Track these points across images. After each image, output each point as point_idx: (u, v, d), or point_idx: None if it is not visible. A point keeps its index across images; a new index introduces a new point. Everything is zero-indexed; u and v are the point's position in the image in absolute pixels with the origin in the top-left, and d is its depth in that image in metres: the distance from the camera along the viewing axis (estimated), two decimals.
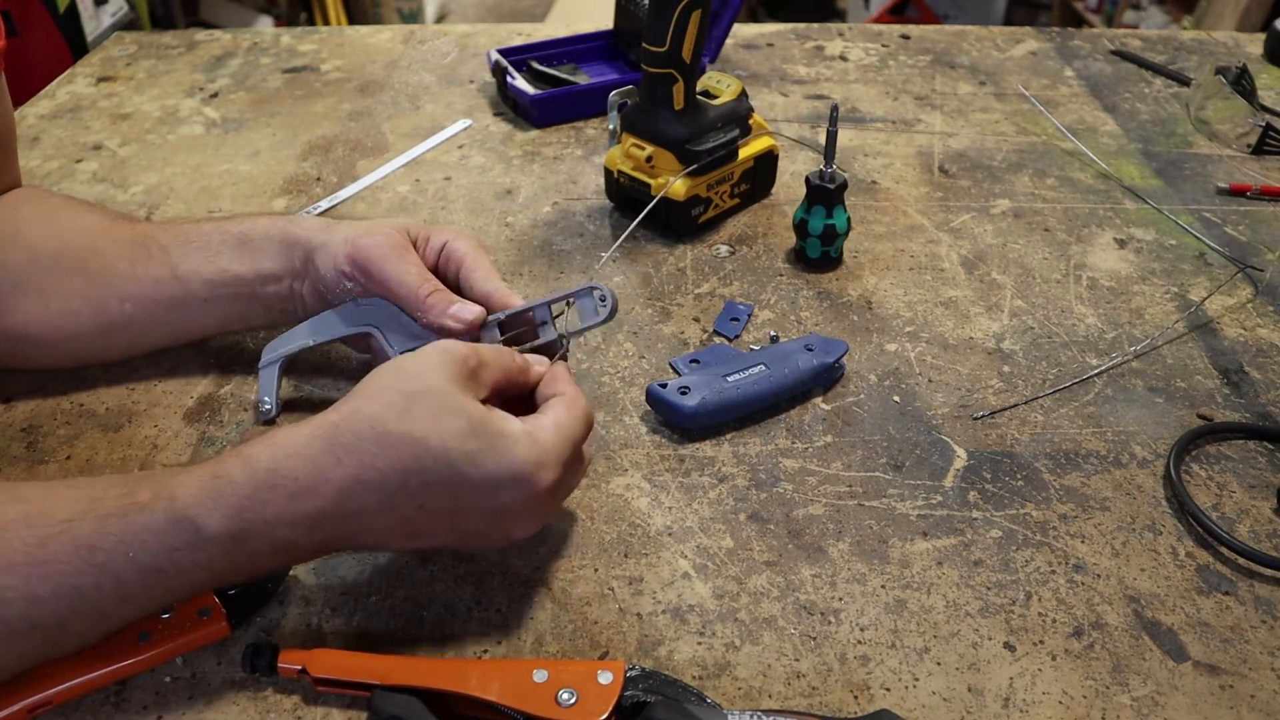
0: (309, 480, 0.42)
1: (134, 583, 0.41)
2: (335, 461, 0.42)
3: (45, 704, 0.43)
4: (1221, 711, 0.45)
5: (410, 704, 0.42)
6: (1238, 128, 0.95)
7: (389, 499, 0.43)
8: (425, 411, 0.43)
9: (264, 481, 0.42)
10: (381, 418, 0.43)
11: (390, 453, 0.42)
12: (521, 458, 0.44)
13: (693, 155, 0.75)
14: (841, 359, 0.64)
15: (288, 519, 0.42)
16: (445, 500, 0.44)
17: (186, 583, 0.42)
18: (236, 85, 1.06)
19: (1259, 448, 0.60)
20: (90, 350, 0.62)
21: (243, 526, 0.41)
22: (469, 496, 0.44)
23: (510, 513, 0.45)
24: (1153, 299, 0.73)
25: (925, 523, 0.55)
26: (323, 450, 0.42)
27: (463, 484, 0.43)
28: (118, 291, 0.60)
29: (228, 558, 0.42)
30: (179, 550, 0.41)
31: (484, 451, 0.43)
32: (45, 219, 0.62)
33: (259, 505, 0.42)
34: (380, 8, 3.60)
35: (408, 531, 0.45)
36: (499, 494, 0.44)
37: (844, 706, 0.46)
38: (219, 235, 0.60)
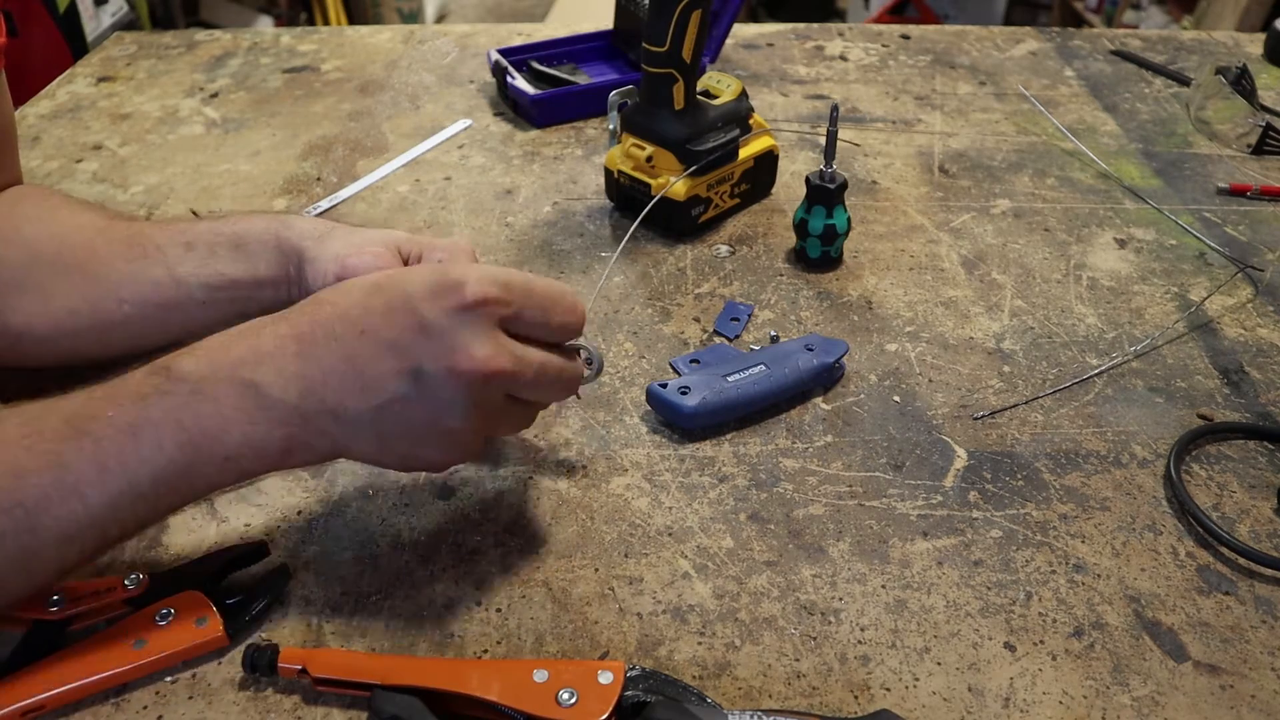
0: (269, 322, 0.45)
1: (110, 443, 0.41)
2: (295, 310, 0.46)
3: (38, 708, 0.43)
4: (1222, 711, 0.45)
5: (410, 704, 0.42)
6: (1238, 128, 0.95)
7: (333, 326, 0.44)
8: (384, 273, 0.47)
9: (236, 331, 0.46)
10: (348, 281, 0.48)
11: (339, 291, 0.46)
12: (453, 268, 0.45)
13: (693, 155, 0.75)
14: (841, 359, 0.64)
15: (248, 354, 0.44)
16: (382, 322, 0.44)
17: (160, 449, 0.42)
18: (236, 85, 1.06)
19: (1259, 448, 0.60)
20: (88, 349, 0.62)
21: (210, 365, 0.44)
22: (402, 310, 0.44)
23: (446, 330, 0.43)
24: (1153, 299, 0.73)
25: (925, 523, 0.55)
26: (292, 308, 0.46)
27: (395, 297, 0.44)
28: (116, 292, 0.60)
29: (198, 407, 0.43)
30: (153, 396, 0.42)
31: (413, 270, 0.46)
32: (45, 217, 0.62)
33: (227, 347, 0.45)
34: (380, 8, 3.60)
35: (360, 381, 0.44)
36: (430, 302, 0.44)
37: (844, 706, 0.46)
38: (215, 237, 0.60)
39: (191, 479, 0.44)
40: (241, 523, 0.54)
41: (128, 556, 0.52)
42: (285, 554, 0.52)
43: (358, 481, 0.57)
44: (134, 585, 0.47)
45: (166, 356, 0.44)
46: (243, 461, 0.44)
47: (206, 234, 0.61)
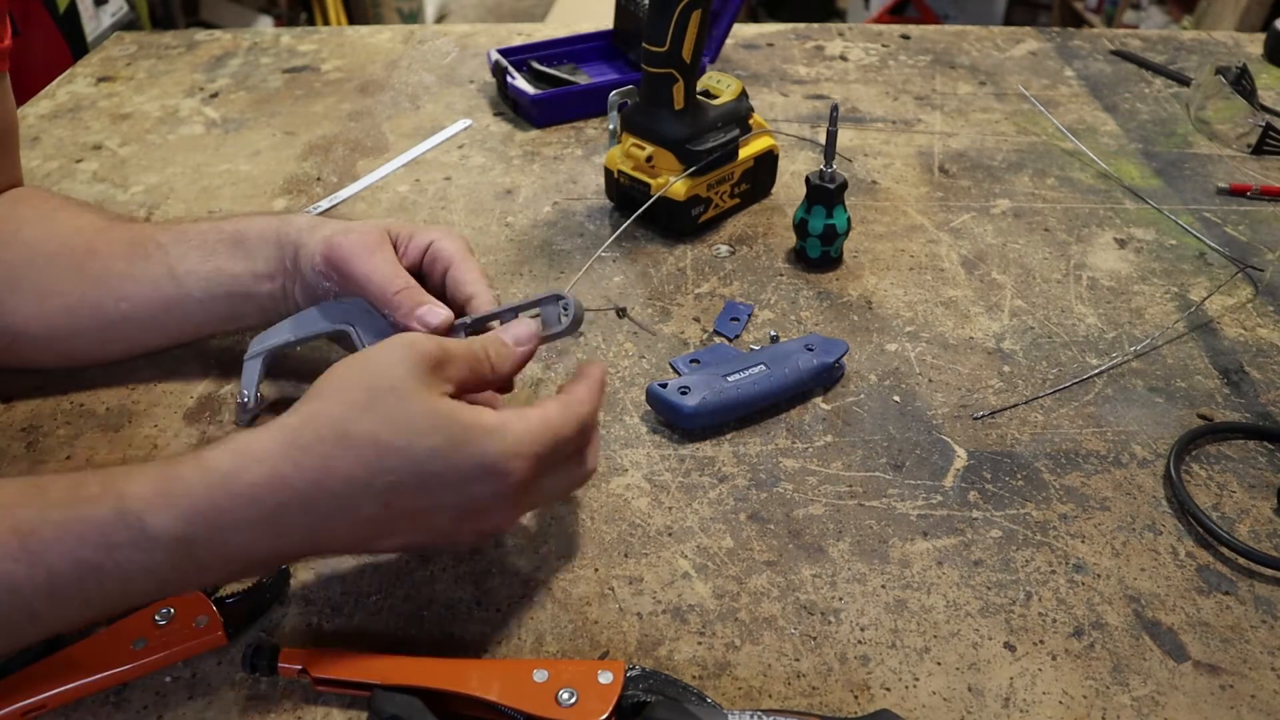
0: (267, 485, 0.40)
1: (69, 579, 0.39)
2: (294, 466, 0.40)
3: (38, 708, 0.43)
4: (1222, 711, 0.45)
5: (410, 704, 0.42)
6: (1238, 128, 0.96)
7: (351, 502, 0.41)
8: (387, 409, 0.41)
9: (218, 485, 0.40)
10: (342, 418, 0.41)
11: (352, 454, 0.40)
12: (490, 450, 0.42)
13: (693, 155, 0.75)
14: (841, 359, 0.64)
15: (243, 525, 0.40)
16: (412, 500, 0.42)
17: (125, 588, 0.40)
18: (236, 85, 1.06)
19: (1259, 448, 0.60)
20: (89, 350, 0.62)
21: (193, 531, 0.39)
22: (437, 493, 0.42)
23: (481, 508, 0.43)
24: (1153, 299, 0.73)
25: (925, 522, 0.55)
26: (281, 455, 0.40)
27: (429, 480, 0.41)
28: (115, 291, 0.60)
29: (173, 564, 0.40)
30: (121, 548, 0.39)
31: (450, 445, 0.41)
32: (44, 219, 0.62)
33: (213, 510, 0.39)
34: (380, 8, 3.60)
35: (373, 533, 0.43)
36: (468, 488, 0.42)
37: (844, 706, 0.46)
38: (215, 234, 0.60)
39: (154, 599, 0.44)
40: None
41: None
42: None
43: None
44: None
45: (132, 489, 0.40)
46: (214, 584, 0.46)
47: (206, 232, 0.61)
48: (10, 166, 0.66)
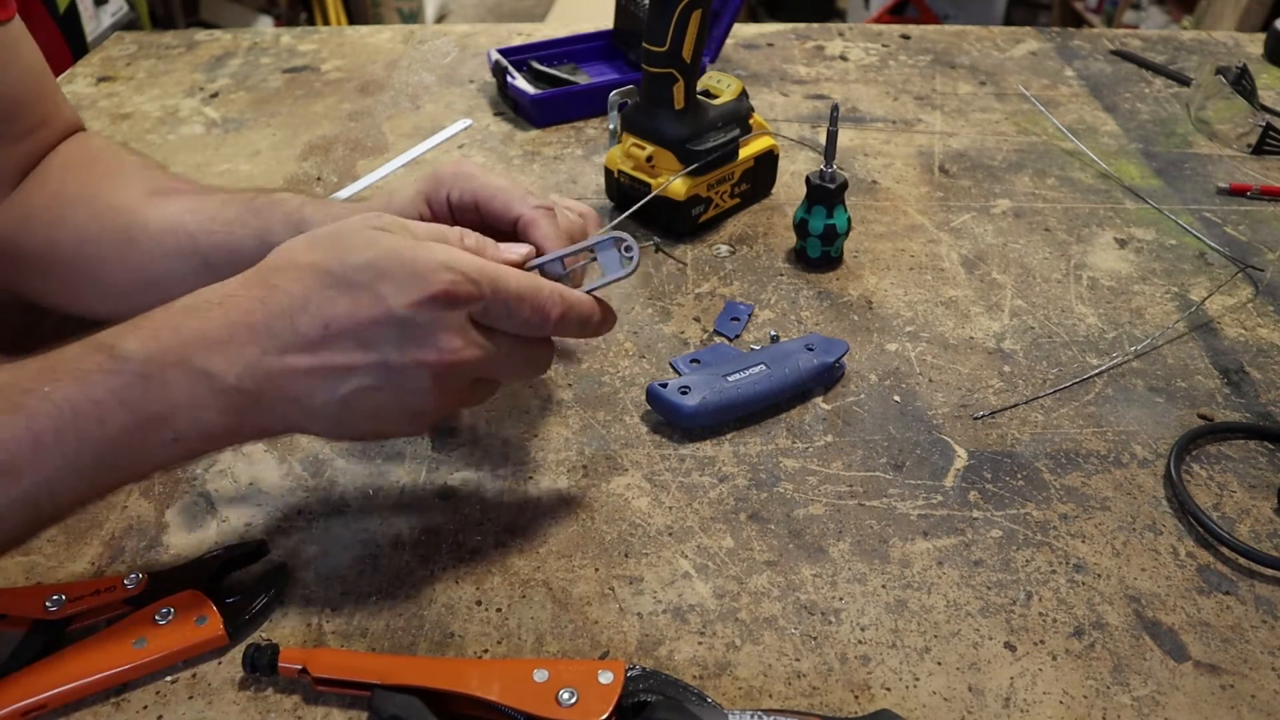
0: (220, 302, 0.43)
1: (45, 420, 0.40)
2: (244, 285, 0.44)
3: (39, 708, 0.43)
4: (1222, 711, 0.45)
5: (410, 704, 0.42)
6: (1238, 128, 0.95)
7: (293, 321, 0.43)
8: (329, 242, 0.45)
9: (181, 307, 0.44)
10: (292, 251, 0.45)
11: (292, 274, 0.44)
12: (424, 257, 0.43)
13: (693, 155, 0.75)
14: (842, 359, 0.64)
15: (199, 341, 0.42)
16: (346, 317, 0.43)
17: (103, 430, 0.41)
18: (236, 85, 1.06)
19: (1259, 447, 0.60)
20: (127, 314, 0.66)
21: (159, 347, 0.42)
22: (368, 309, 0.43)
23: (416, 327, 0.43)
24: (1153, 299, 0.73)
25: (926, 522, 0.55)
26: (236, 283, 0.44)
27: (360, 294, 0.43)
28: (156, 282, 0.62)
29: (145, 387, 0.41)
30: (95, 374, 0.41)
31: (378, 258, 0.43)
32: (88, 200, 0.63)
33: (174, 328, 0.42)
34: (380, 8, 3.60)
35: (324, 370, 0.43)
36: (398, 295, 0.43)
37: (844, 706, 0.46)
38: (241, 227, 0.60)
39: (135, 459, 0.43)
40: (241, 523, 0.54)
41: (127, 556, 0.52)
42: (285, 554, 0.52)
43: (358, 481, 0.57)
44: (133, 585, 0.47)
45: (106, 332, 0.43)
46: (190, 443, 0.44)
47: (232, 223, 0.60)
48: (53, 110, 0.67)
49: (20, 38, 0.65)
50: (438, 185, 0.56)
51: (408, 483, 0.57)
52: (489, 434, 0.60)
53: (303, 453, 0.59)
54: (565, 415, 0.62)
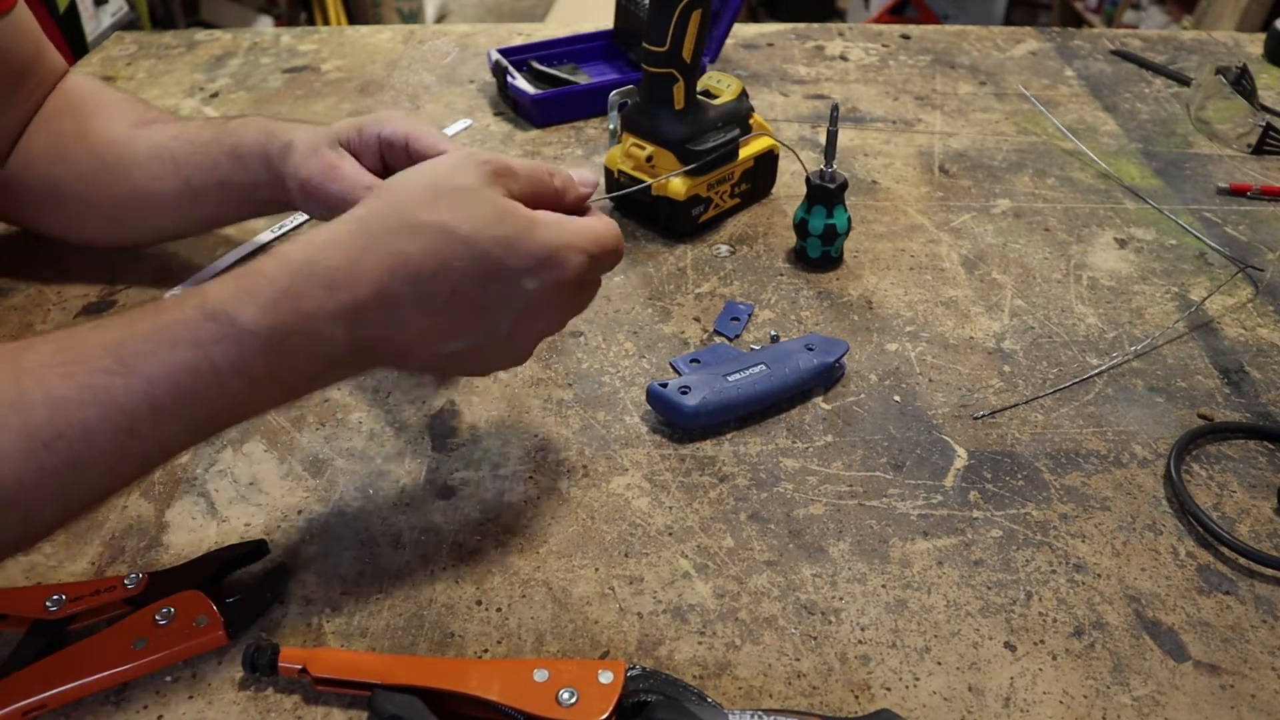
0: (344, 269, 0.42)
1: (165, 385, 0.39)
2: (368, 249, 0.42)
3: (39, 708, 0.43)
4: (1222, 711, 0.45)
5: (410, 704, 0.42)
6: (1238, 128, 0.95)
7: (422, 288, 0.43)
8: (454, 201, 0.44)
9: (299, 272, 0.41)
10: (410, 207, 0.43)
11: (420, 239, 0.43)
12: (549, 239, 0.45)
13: (693, 155, 0.75)
14: (842, 359, 0.64)
15: (326, 312, 0.41)
16: (475, 288, 0.44)
17: (222, 393, 0.40)
18: (237, 85, 1.06)
19: (1259, 447, 0.60)
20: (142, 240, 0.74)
21: (279, 320, 0.41)
22: (498, 285, 0.44)
23: (537, 304, 0.46)
24: (1153, 299, 0.73)
25: (926, 522, 0.55)
26: (354, 240, 0.43)
27: (493, 269, 0.44)
28: (147, 205, 0.68)
29: (265, 358, 0.41)
30: (214, 344, 0.40)
31: (512, 236, 0.44)
32: (82, 137, 0.68)
33: (295, 298, 0.41)
34: (380, 8, 3.60)
35: (439, 331, 0.45)
36: (526, 278, 0.45)
37: (844, 706, 0.46)
38: (218, 147, 0.65)
39: (248, 412, 0.43)
40: (241, 522, 0.54)
41: (127, 556, 0.52)
42: (285, 554, 0.52)
43: (358, 481, 0.57)
44: (134, 585, 0.47)
45: (216, 294, 0.41)
46: (300, 393, 0.45)
47: (210, 144, 0.66)
48: (48, 66, 0.71)
49: (21, 13, 0.68)
50: (370, 123, 0.61)
51: (408, 483, 0.57)
52: (489, 434, 0.60)
53: (302, 453, 0.59)
54: (565, 415, 0.62)
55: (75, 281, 0.73)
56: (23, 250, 0.77)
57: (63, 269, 0.74)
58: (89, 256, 0.76)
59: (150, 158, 0.67)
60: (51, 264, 0.75)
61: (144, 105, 0.72)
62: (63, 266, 0.74)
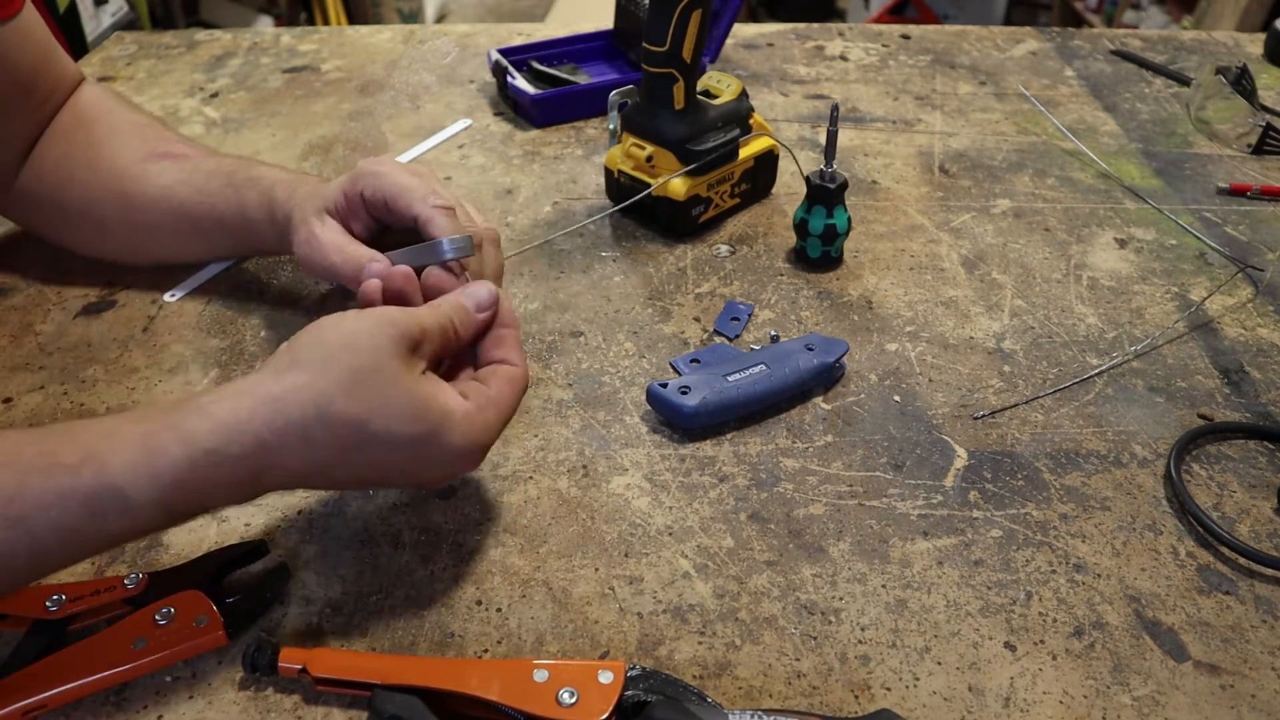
0: (250, 457, 0.42)
1: (50, 542, 0.40)
2: (278, 438, 0.42)
3: (39, 708, 0.43)
4: (1222, 711, 0.45)
5: (410, 704, 0.42)
6: (1238, 128, 0.95)
7: (328, 469, 0.44)
8: (370, 392, 0.43)
9: (202, 461, 0.41)
10: (326, 395, 0.43)
11: (334, 431, 0.43)
12: (462, 443, 0.46)
13: (693, 155, 0.75)
14: (842, 359, 0.64)
15: (223, 490, 0.43)
16: (380, 470, 0.46)
17: (105, 545, 0.42)
18: (237, 85, 1.06)
19: (1259, 447, 0.60)
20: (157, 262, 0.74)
21: (175, 499, 0.41)
22: (411, 469, 0.46)
23: (445, 475, 0.50)
24: (1153, 299, 0.73)
25: (926, 522, 0.55)
26: (265, 427, 0.42)
27: (401, 459, 0.45)
28: (152, 239, 0.69)
29: (152, 523, 0.42)
30: (104, 516, 0.40)
31: (427, 434, 0.44)
32: (91, 164, 0.69)
33: (195, 481, 0.41)
34: (380, 8, 3.60)
35: (338, 485, 0.49)
36: (434, 469, 0.47)
37: (845, 706, 0.46)
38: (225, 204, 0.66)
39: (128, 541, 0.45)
40: (241, 522, 0.54)
41: (127, 556, 0.52)
42: (285, 553, 0.52)
43: None
44: (134, 585, 0.47)
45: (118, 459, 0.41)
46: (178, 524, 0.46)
47: (219, 200, 0.66)
48: (60, 74, 0.71)
49: (29, 19, 0.68)
50: (355, 181, 0.60)
51: None
52: None
53: None
54: (565, 415, 0.62)
55: (75, 281, 0.73)
56: (23, 250, 0.77)
57: (63, 269, 0.74)
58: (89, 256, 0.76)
59: (157, 198, 0.67)
60: (51, 264, 0.75)
61: (157, 130, 0.71)
62: (63, 266, 0.75)
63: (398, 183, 0.58)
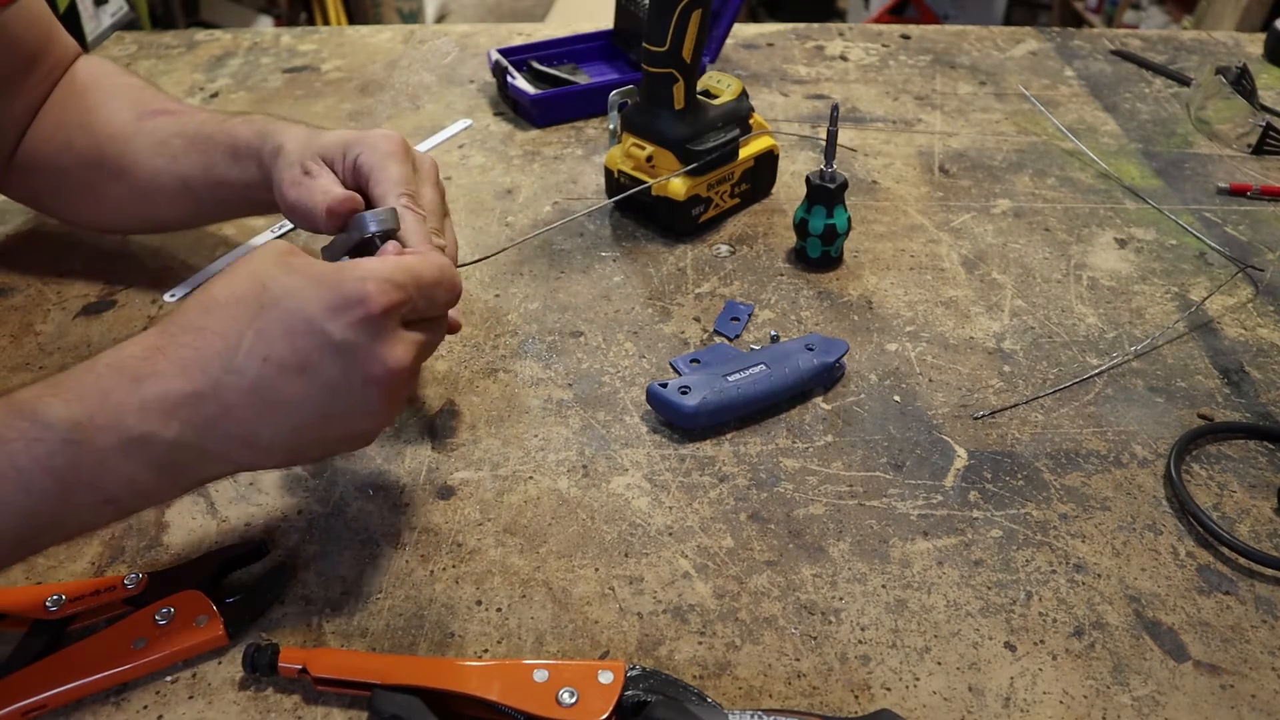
0: (146, 357, 0.41)
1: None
2: (168, 336, 0.42)
3: (39, 708, 0.43)
4: (1222, 711, 0.45)
5: (410, 704, 0.42)
6: (1238, 128, 0.95)
7: (230, 361, 0.41)
8: (244, 272, 0.44)
9: (103, 367, 0.41)
10: (206, 293, 0.43)
11: (216, 313, 0.42)
12: (346, 278, 0.43)
13: (693, 155, 0.75)
14: (842, 359, 0.64)
15: (133, 404, 0.40)
16: (284, 344, 0.42)
17: (29, 496, 0.39)
18: (237, 85, 1.06)
19: (1259, 447, 0.60)
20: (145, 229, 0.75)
21: (85, 411, 0.39)
22: (305, 334, 0.42)
23: (356, 347, 0.43)
24: (1153, 299, 0.73)
25: (926, 522, 0.55)
26: (156, 332, 0.43)
27: (294, 320, 0.42)
28: (147, 199, 0.68)
29: (74, 456, 0.39)
30: (14, 442, 0.38)
31: (306, 282, 0.43)
32: (86, 127, 0.68)
33: (99, 389, 0.40)
34: (380, 8, 3.60)
35: (270, 407, 0.42)
36: (329, 324, 0.42)
37: (844, 706, 0.46)
38: (213, 146, 0.64)
39: (63, 524, 0.42)
40: (241, 522, 0.54)
41: (128, 556, 0.52)
42: (285, 553, 0.52)
43: (358, 481, 0.57)
44: (133, 585, 0.47)
45: (26, 393, 0.40)
46: (126, 503, 0.43)
47: (208, 140, 0.65)
48: (59, 50, 0.71)
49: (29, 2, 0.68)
50: (352, 146, 0.57)
51: (408, 483, 0.57)
52: (489, 434, 0.60)
53: None
54: (565, 415, 0.62)
55: (75, 281, 0.73)
56: (23, 250, 0.77)
57: (63, 269, 0.74)
58: (89, 257, 0.76)
59: (151, 153, 0.67)
60: (51, 264, 0.75)
61: (151, 91, 0.71)
62: (63, 266, 0.75)
63: (386, 167, 0.56)
